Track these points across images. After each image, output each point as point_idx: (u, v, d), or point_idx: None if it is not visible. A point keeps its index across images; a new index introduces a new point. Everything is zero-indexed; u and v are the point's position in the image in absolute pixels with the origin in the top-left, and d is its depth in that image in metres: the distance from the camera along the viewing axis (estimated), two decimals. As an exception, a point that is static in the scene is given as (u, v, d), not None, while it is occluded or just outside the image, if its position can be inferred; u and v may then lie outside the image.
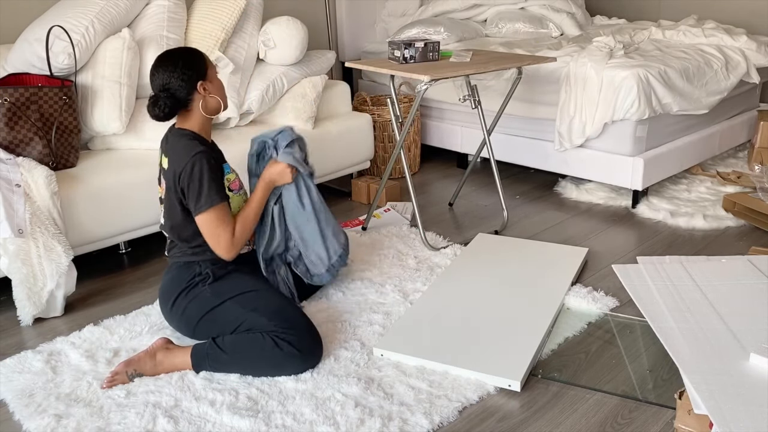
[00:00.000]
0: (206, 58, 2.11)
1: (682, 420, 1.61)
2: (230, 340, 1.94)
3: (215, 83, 2.10)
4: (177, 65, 2.01)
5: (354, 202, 3.43)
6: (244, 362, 1.92)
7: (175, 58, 2.03)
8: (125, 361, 1.95)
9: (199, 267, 2.07)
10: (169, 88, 2.01)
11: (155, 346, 1.99)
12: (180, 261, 2.11)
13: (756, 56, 3.52)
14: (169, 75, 2.00)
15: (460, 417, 1.77)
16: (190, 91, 2.03)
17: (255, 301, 1.99)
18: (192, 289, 2.05)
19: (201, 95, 2.05)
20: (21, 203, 2.23)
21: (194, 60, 2.05)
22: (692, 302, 2.18)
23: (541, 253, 2.66)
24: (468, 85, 3.03)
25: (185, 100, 2.04)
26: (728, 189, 3.34)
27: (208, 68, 2.08)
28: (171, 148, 2.04)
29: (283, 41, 3.18)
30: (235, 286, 2.04)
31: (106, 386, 1.90)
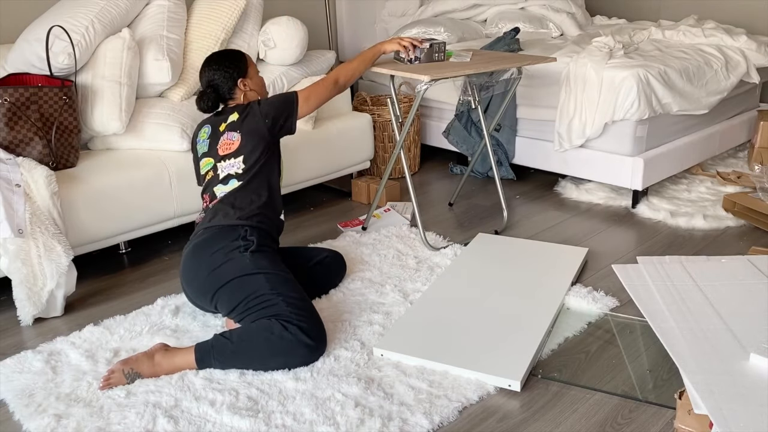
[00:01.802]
0: (248, 58, 2.39)
1: (682, 420, 1.61)
2: (237, 332, 1.96)
3: (255, 80, 2.39)
4: (221, 64, 2.31)
5: (354, 202, 3.43)
6: (250, 352, 1.92)
7: (219, 58, 2.33)
8: (122, 361, 1.94)
9: (244, 231, 2.12)
10: (214, 84, 2.31)
11: (154, 349, 1.99)
12: (224, 224, 2.13)
13: (756, 56, 3.52)
14: (213, 72, 2.31)
15: (460, 417, 1.77)
16: (231, 87, 2.32)
17: (282, 285, 2.03)
18: (233, 251, 2.07)
19: (242, 90, 2.33)
20: (21, 203, 2.23)
21: (236, 59, 2.34)
22: (692, 302, 2.18)
23: (541, 253, 2.66)
24: (468, 85, 3.03)
25: (227, 95, 2.33)
26: (728, 189, 3.34)
27: (249, 67, 2.36)
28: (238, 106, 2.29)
29: (283, 41, 3.18)
30: (271, 264, 2.08)
31: (103, 386, 1.89)
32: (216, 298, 2.07)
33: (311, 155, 3.19)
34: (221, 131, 2.27)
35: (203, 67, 2.34)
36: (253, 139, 2.23)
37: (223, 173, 2.22)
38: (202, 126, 2.36)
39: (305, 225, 3.14)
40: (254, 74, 2.39)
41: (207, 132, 2.32)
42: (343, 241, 2.87)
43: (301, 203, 3.40)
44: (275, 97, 2.30)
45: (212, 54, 2.37)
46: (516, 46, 3.58)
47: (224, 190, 2.20)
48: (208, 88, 2.32)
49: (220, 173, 2.22)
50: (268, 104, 2.27)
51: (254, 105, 2.26)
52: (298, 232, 3.04)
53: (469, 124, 3.61)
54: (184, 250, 2.17)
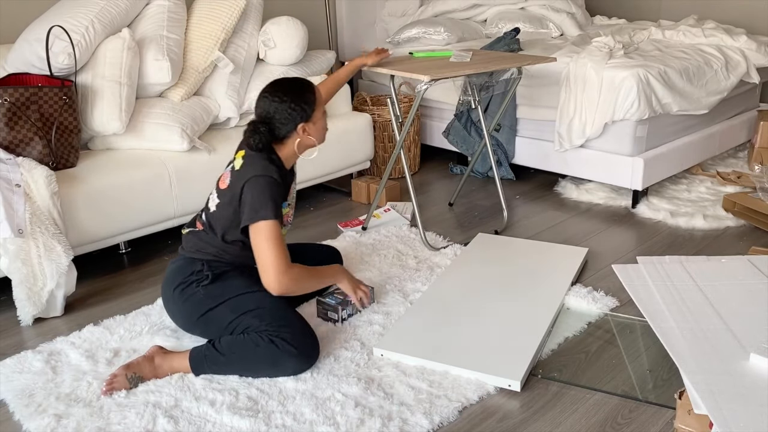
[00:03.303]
0: (318, 97, 2.06)
1: (682, 420, 1.61)
2: (227, 342, 1.94)
3: (318, 125, 2.08)
4: (286, 99, 1.99)
5: (354, 202, 3.43)
6: (242, 363, 1.92)
7: (287, 91, 2.00)
8: (124, 365, 1.93)
9: (201, 265, 2.05)
10: (271, 119, 2.00)
11: (152, 352, 1.98)
12: (189, 255, 2.09)
13: (756, 56, 3.53)
14: (276, 107, 1.99)
15: (460, 417, 1.77)
16: (290, 130, 2.02)
17: (247, 304, 1.98)
18: (186, 288, 2.03)
19: (298, 136, 2.04)
20: (21, 203, 2.23)
21: (305, 99, 2.02)
22: (692, 302, 2.18)
23: (541, 253, 2.66)
24: (468, 85, 3.03)
25: (282, 137, 2.04)
26: (728, 189, 3.34)
27: (315, 109, 2.05)
28: (251, 157, 2.01)
29: (283, 41, 3.18)
30: (227, 289, 2.01)
31: (106, 391, 1.87)
32: (195, 333, 2.08)
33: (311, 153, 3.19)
34: (232, 160, 2.09)
35: (265, 92, 2.01)
36: (230, 198, 2.00)
37: (209, 200, 2.10)
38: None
39: (305, 225, 3.14)
40: (319, 118, 2.07)
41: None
42: (343, 241, 2.87)
43: (301, 203, 3.40)
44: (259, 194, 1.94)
45: (282, 80, 2.03)
46: (516, 46, 3.58)
47: (202, 215, 2.12)
48: (262, 125, 1.99)
49: (208, 202, 2.11)
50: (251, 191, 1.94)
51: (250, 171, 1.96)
52: (298, 233, 3.04)
53: (469, 124, 3.61)
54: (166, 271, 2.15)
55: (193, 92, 3.04)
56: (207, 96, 3.08)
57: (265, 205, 1.93)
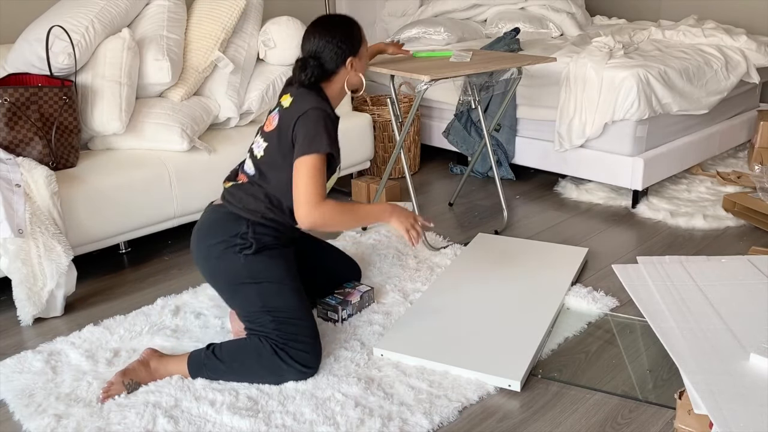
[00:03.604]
0: (362, 32, 2.09)
1: (682, 420, 1.61)
2: (228, 350, 1.92)
3: (363, 61, 2.10)
4: (335, 36, 2.00)
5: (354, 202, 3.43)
6: (242, 370, 1.90)
7: (334, 28, 2.02)
8: (120, 372, 1.89)
9: (246, 227, 1.97)
10: (320, 56, 2.01)
11: (147, 356, 1.95)
12: (232, 209, 2.00)
13: (756, 56, 3.53)
14: (325, 43, 2.00)
15: (460, 417, 1.77)
16: (338, 65, 2.03)
17: (274, 299, 1.93)
18: (228, 249, 1.95)
19: (346, 71, 2.05)
20: (21, 203, 2.23)
21: (352, 34, 2.04)
22: (692, 302, 2.18)
23: (541, 253, 2.66)
24: (468, 85, 3.03)
25: (331, 72, 2.03)
26: (728, 189, 3.34)
27: (362, 44, 2.08)
28: (300, 94, 2.00)
29: (283, 41, 3.18)
30: (267, 271, 1.95)
31: (103, 398, 1.85)
32: (215, 288, 2.06)
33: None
34: (278, 104, 2.06)
35: (311, 31, 2.03)
36: (281, 137, 1.98)
37: (254, 148, 2.06)
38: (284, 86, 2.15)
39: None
40: (364, 54, 2.10)
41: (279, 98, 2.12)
42: (343, 241, 2.87)
43: (301, 203, 3.40)
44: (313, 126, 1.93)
45: (326, 17, 2.06)
46: (516, 46, 3.58)
47: (247, 169, 2.06)
48: (312, 58, 2.00)
49: (253, 147, 2.07)
50: (305, 125, 1.93)
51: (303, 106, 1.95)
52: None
53: (469, 124, 3.61)
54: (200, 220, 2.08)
55: (193, 92, 3.04)
56: (207, 96, 3.08)
57: (319, 137, 1.90)
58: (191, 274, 2.66)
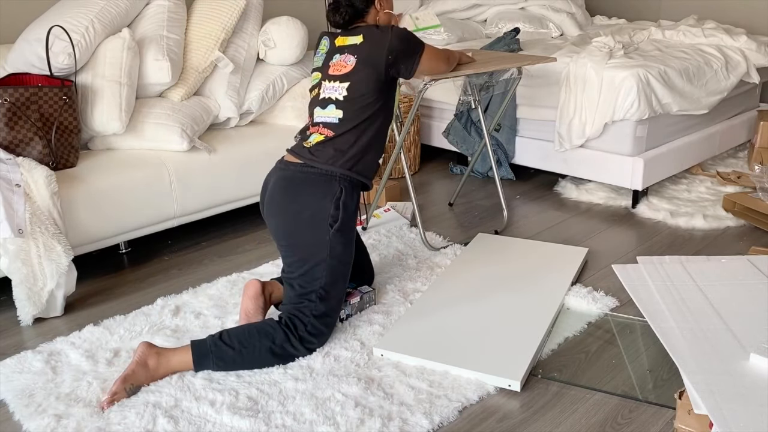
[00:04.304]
0: None
1: (682, 420, 1.61)
2: (237, 335, 1.94)
3: (389, 2, 2.25)
4: None
5: (354, 202, 3.43)
6: (251, 359, 1.93)
7: None
8: (120, 379, 1.85)
9: (339, 190, 2.03)
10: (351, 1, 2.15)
11: (142, 354, 1.90)
12: (322, 169, 2.04)
13: (756, 56, 3.53)
14: None
15: (460, 417, 1.77)
16: (368, 5, 2.16)
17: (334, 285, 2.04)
18: (319, 218, 2.01)
19: (376, 11, 2.19)
20: (21, 203, 2.23)
21: None
22: (692, 302, 2.18)
23: (541, 253, 2.66)
24: (468, 85, 3.03)
25: (362, 12, 2.16)
26: (728, 189, 3.34)
27: None
28: (367, 29, 2.13)
29: (283, 41, 3.18)
30: (343, 251, 2.05)
31: (107, 405, 1.82)
32: (284, 245, 2.08)
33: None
34: (339, 49, 2.15)
35: None
36: (366, 70, 2.07)
37: (324, 94, 2.12)
38: (322, 38, 2.25)
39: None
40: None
41: (326, 46, 2.20)
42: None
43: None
44: (405, 36, 2.12)
45: None
46: (516, 46, 3.58)
47: (323, 116, 2.11)
48: (345, 6, 2.14)
49: (321, 93, 2.13)
50: (399, 38, 2.09)
51: (385, 32, 2.10)
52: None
53: (469, 124, 3.61)
54: (275, 174, 2.10)
55: (193, 92, 3.04)
56: (207, 96, 3.08)
57: (413, 37, 2.14)
58: (191, 274, 2.66)
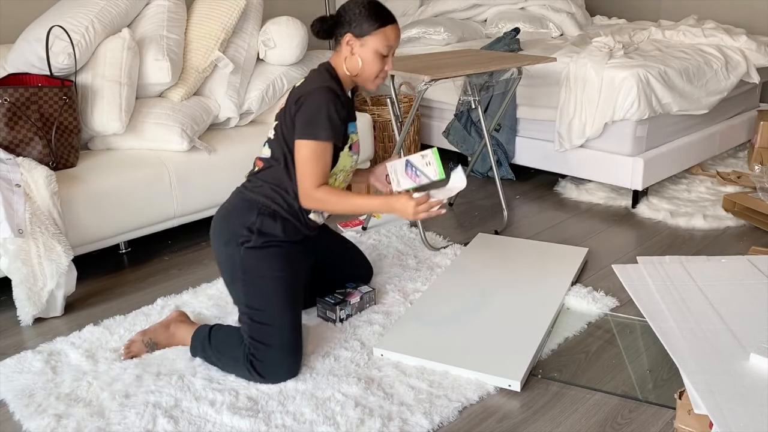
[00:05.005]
0: (386, 32, 1.95)
1: (682, 420, 1.61)
2: (221, 338, 1.96)
3: (366, 53, 1.95)
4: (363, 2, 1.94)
5: (354, 202, 3.43)
6: (226, 364, 1.94)
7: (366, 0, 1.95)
8: (141, 331, 2.06)
9: (256, 216, 1.96)
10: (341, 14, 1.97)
11: (170, 318, 2.08)
12: (248, 195, 2.01)
13: (756, 56, 3.53)
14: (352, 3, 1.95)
15: (460, 417, 1.77)
16: (341, 33, 1.97)
17: (259, 302, 1.91)
18: (233, 239, 1.96)
19: (348, 47, 1.96)
20: (21, 203, 2.23)
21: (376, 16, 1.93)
22: (692, 302, 2.18)
23: (541, 253, 2.66)
24: (468, 85, 3.03)
25: (337, 38, 1.98)
26: (728, 189, 3.34)
27: (373, 35, 1.93)
28: (312, 73, 2.02)
29: (283, 41, 3.18)
30: (259, 268, 1.94)
31: (125, 357, 1.99)
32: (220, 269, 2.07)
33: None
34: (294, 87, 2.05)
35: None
36: (287, 114, 1.97)
37: (269, 133, 2.06)
38: None
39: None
40: (372, 47, 1.94)
41: None
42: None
43: (301, 203, 3.40)
44: (310, 110, 1.91)
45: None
46: (516, 46, 3.59)
47: (263, 153, 2.05)
48: (333, 16, 1.98)
49: (269, 134, 2.07)
50: (304, 106, 1.91)
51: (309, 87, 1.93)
52: (298, 232, 3.04)
53: (469, 124, 3.61)
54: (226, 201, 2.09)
55: (193, 92, 3.04)
56: (207, 96, 3.08)
57: (319, 123, 1.88)
58: (191, 274, 2.66)
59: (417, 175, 2.04)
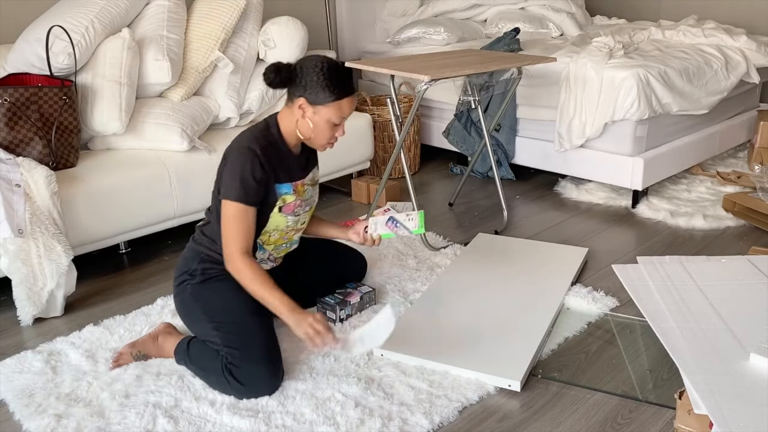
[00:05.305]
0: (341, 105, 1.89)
1: (682, 420, 1.61)
2: (196, 350, 1.93)
3: (318, 121, 1.90)
4: (323, 68, 1.85)
5: (354, 202, 3.43)
6: (201, 374, 1.91)
7: (333, 65, 1.88)
8: (130, 343, 2.04)
9: (197, 263, 2.01)
10: (298, 71, 1.87)
11: (158, 330, 2.06)
12: (195, 244, 2.06)
13: (756, 56, 3.53)
14: (312, 65, 1.86)
15: (460, 417, 1.77)
16: (295, 95, 1.90)
17: (222, 315, 1.90)
18: (180, 285, 2.02)
19: (299, 110, 1.90)
20: (21, 203, 2.23)
21: (335, 85, 1.86)
22: (692, 302, 2.18)
23: (541, 253, 2.66)
24: (468, 85, 3.03)
25: (289, 96, 1.92)
26: (728, 189, 3.34)
27: (328, 105, 1.87)
28: (249, 127, 1.98)
29: (283, 41, 3.18)
30: (213, 294, 1.95)
31: (113, 367, 1.98)
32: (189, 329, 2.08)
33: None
34: None
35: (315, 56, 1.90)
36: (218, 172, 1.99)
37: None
38: None
39: (305, 225, 3.13)
40: (325, 118, 1.89)
41: None
42: (344, 241, 2.86)
43: (301, 203, 3.40)
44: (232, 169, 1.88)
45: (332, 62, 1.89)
46: (516, 46, 3.58)
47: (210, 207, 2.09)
48: (289, 68, 1.87)
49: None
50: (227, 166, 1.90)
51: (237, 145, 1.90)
52: (298, 232, 3.04)
53: (469, 124, 3.61)
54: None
55: (193, 92, 3.04)
56: (207, 96, 3.08)
57: (234, 183, 1.86)
58: (191, 274, 2.66)
59: (396, 226, 2.09)
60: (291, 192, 2.00)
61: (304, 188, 2.05)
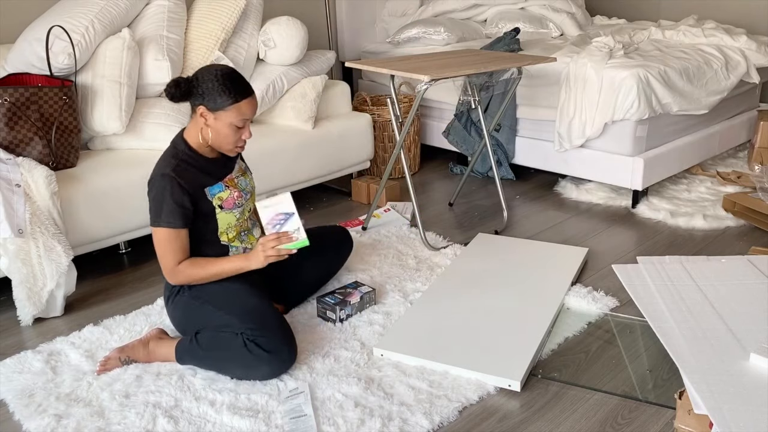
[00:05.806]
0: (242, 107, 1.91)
1: (682, 420, 1.61)
2: (206, 338, 1.94)
3: (219, 127, 1.92)
4: (219, 75, 1.88)
5: (354, 202, 3.43)
6: (217, 361, 1.92)
7: (229, 72, 1.90)
8: (118, 348, 2.02)
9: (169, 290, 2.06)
10: (197, 82, 1.90)
11: (149, 336, 2.05)
12: None
13: (756, 56, 3.53)
14: (209, 75, 1.88)
15: (460, 417, 1.77)
16: (195, 104, 1.93)
17: (231, 302, 1.96)
18: (176, 297, 2.03)
19: (201, 118, 1.93)
20: (21, 203, 2.23)
21: (232, 90, 1.88)
22: (692, 302, 2.18)
23: (541, 253, 2.66)
24: (468, 85, 3.03)
25: (192, 106, 1.95)
26: (728, 189, 3.34)
27: (228, 110, 1.89)
28: (161, 155, 2.03)
29: (283, 41, 3.18)
30: (214, 288, 1.99)
31: (100, 371, 1.97)
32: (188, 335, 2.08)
33: (311, 155, 3.19)
34: None
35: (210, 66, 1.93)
36: None
37: None
38: None
39: (305, 225, 3.13)
40: (226, 122, 1.91)
41: None
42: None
43: (301, 203, 3.40)
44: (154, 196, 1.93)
45: (227, 68, 1.92)
46: (516, 46, 3.59)
47: None
48: (188, 82, 1.90)
49: None
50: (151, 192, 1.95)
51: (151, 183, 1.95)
52: (298, 232, 3.04)
53: (469, 124, 3.61)
54: None
55: (193, 92, 3.03)
56: (207, 96, 3.08)
57: (156, 211, 1.93)
58: (191, 274, 2.66)
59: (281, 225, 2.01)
60: (224, 188, 2.03)
61: (235, 181, 2.08)
